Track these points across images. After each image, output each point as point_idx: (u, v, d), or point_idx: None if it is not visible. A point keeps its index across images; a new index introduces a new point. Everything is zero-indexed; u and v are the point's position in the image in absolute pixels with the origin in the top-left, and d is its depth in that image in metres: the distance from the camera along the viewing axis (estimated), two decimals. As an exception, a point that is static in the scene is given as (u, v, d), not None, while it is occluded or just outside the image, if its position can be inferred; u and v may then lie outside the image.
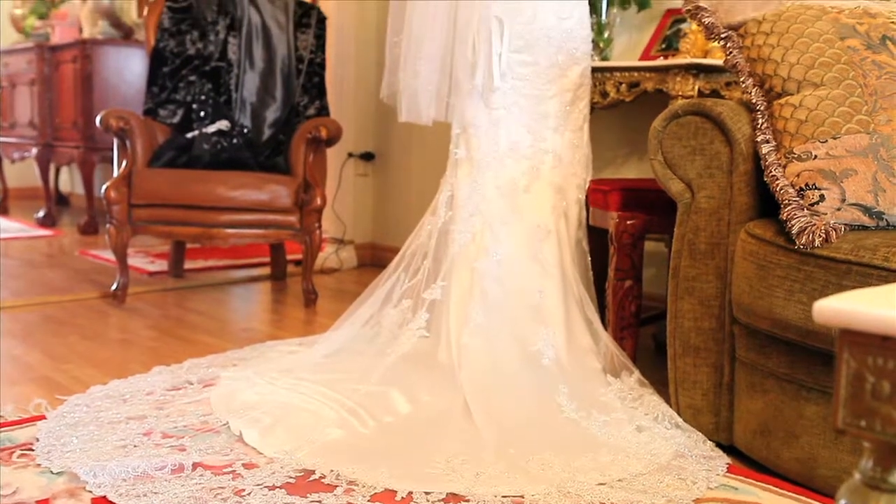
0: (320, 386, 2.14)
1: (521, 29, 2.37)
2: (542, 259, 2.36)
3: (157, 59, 3.71)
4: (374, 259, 4.26)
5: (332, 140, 3.36)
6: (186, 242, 3.81)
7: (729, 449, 1.87)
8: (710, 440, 1.89)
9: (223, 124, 3.55)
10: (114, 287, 3.27)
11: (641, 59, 3.00)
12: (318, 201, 3.25)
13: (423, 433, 1.90)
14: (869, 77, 1.76)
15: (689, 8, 2.00)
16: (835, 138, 1.71)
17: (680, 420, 1.94)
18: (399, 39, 2.55)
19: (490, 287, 2.31)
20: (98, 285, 3.55)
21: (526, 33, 2.38)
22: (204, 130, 3.50)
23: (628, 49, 3.17)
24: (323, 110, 3.73)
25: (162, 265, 4.03)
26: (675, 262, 1.93)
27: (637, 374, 2.20)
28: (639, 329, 2.37)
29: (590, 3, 2.68)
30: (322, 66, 3.80)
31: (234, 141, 3.51)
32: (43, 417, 1.96)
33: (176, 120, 3.64)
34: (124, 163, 3.31)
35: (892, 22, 1.85)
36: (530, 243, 2.37)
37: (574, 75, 2.45)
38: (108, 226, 3.23)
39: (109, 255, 3.78)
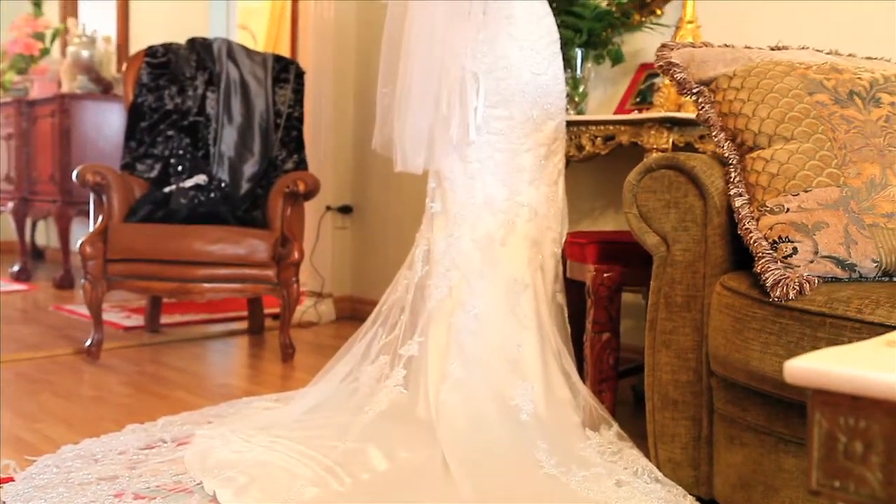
0: (297, 443, 2.10)
1: (497, 84, 2.40)
2: (519, 312, 2.36)
3: (135, 114, 3.72)
4: (353, 312, 4.24)
5: (309, 194, 3.36)
6: (163, 297, 3.78)
7: (710, 503, 1.85)
8: (690, 494, 1.87)
9: (201, 178, 3.55)
10: (88, 343, 3.23)
11: (616, 112, 3.04)
12: (296, 255, 3.24)
13: (400, 490, 1.87)
14: (838, 131, 1.79)
15: (661, 64, 2.03)
16: (806, 191, 1.73)
17: (660, 474, 1.92)
18: (389, 90, 2.56)
19: (467, 342, 2.30)
20: (72, 341, 3.51)
21: (502, 88, 2.41)
22: (181, 185, 3.50)
23: (603, 103, 3.21)
24: (301, 164, 3.74)
25: (138, 320, 3.99)
26: (652, 314, 1.93)
27: (616, 427, 2.18)
28: (617, 382, 2.36)
29: (564, 58, 2.72)
30: (300, 120, 3.82)
31: (212, 195, 3.50)
32: (11, 479, 1.91)
33: (153, 174, 3.64)
34: (100, 218, 3.30)
35: (859, 78, 1.89)
36: (507, 297, 2.37)
37: (549, 130, 2.48)
38: (83, 281, 3.20)
39: (85, 310, 3.73)
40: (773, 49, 2.11)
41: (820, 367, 0.68)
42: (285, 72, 3.85)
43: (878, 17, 2.63)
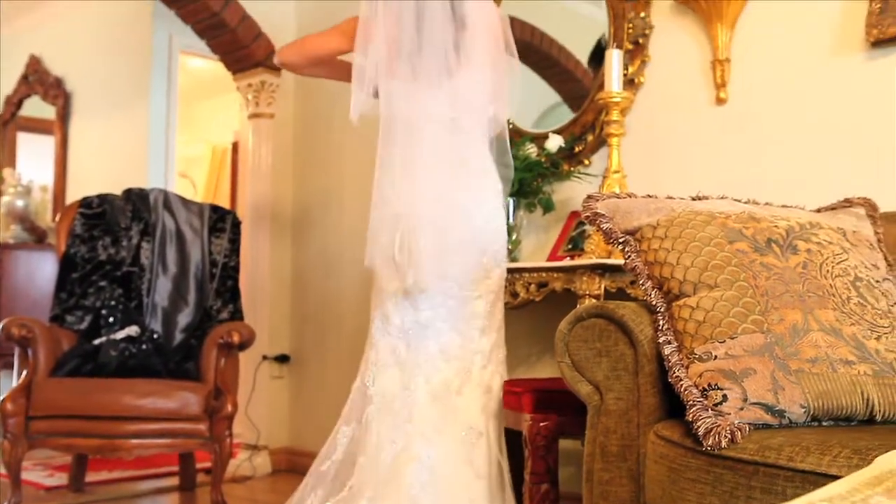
0: None
1: (451, 231, 2.44)
2: (474, 462, 2.31)
3: (66, 265, 3.67)
4: (290, 465, 4.10)
5: (244, 344, 3.31)
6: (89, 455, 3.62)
7: None
8: None
9: (132, 330, 3.48)
10: (5, 506, 3.06)
11: (549, 259, 3.10)
12: (229, 408, 3.16)
13: None
14: (759, 278, 1.83)
15: (587, 215, 2.08)
16: (732, 338, 1.75)
17: None
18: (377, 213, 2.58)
19: (420, 496, 2.24)
20: (-12, 504, 3.31)
21: (455, 235, 2.44)
22: (112, 336, 3.42)
23: (536, 250, 3.27)
24: (236, 314, 3.70)
25: (61, 478, 3.80)
26: (589, 465, 1.90)
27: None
28: (559, 534, 2.30)
29: (497, 207, 2.78)
30: (236, 269, 3.80)
31: (144, 347, 3.43)
32: None
33: (83, 326, 3.56)
34: (24, 372, 3.19)
35: (775, 226, 1.96)
36: (463, 447, 2.33)
37: (496, 276, 2.52)
38: (2, 440, 3.05)
39: (2, 470, 3.55)
40: (693, 199, 2.18)
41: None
42: (222, 221, 3.86)
43: (791, 165, 2.76)
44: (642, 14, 3.11)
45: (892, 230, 2.28)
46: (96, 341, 3.43)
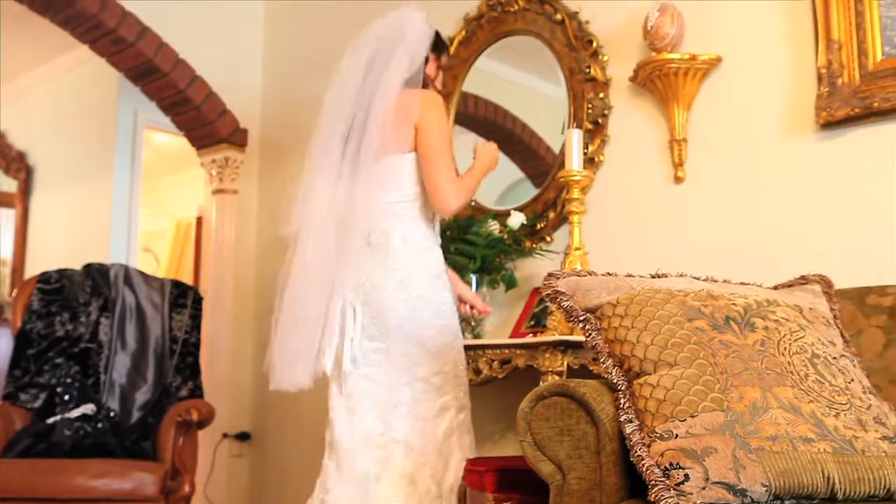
0: None
1: (375, 317, 2.43)
2: None
3: (22, 341, 3.60)
4: (249, 547, 4.00)
5: (203, 422, 3.25)
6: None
7: None
8: None
9: (88, 408, 3.41)
10: None
11: (512, 335, 3.10)
12: (186, 488, 3.08)
13: None
14: (718, 356, 1.85)
15: (548, 293, 2.09)
16: (693, 416, 1.76)
17: None
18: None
19: None
20: None
21: (379, 322, 2.44)
22: (66, 415, 3.34)
23: (499, 326, 3.27)
24: (196, 391, 3.64)
25: (9, 565, 3.65)
26: (552, 547, 1.87)
27: None
28: None
29: (460, 284, 2.79)
30: (197, 346, 3.75)
31: (100, 425, 3.35)
32: None
33: (37, 404, 3.47)
34: (-26, 454, 3.09)
35: (733, 304, 1.98)
36: None
37: (428, 365, 2.49)
38: (-52, 525, 2.95)
39: (-51, 557, 3.41)
40: (653, 277, 2.20)
41: None
42: (183, 297, 3.82)
43: (748, 243, 2.81)
44: (601, 95, 3.19)
45: (848, 307, 2.32)
46: (50, 420, 3.35)
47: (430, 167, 2.51)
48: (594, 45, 3.21)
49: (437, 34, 2.76)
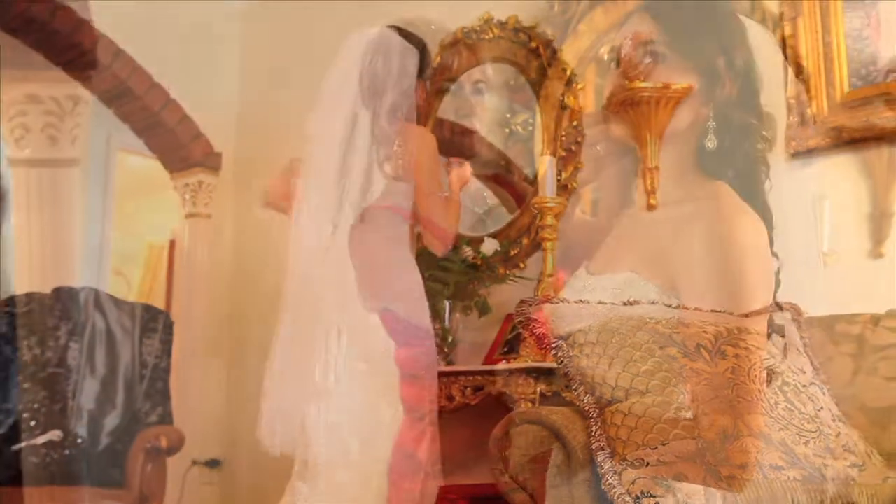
0: None
1: (358, 337, 2.43)
2: None
3: (-12, 367, 3.54)
4: (218, 576, 3.93)
5: (172, 449, 3.22)
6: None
7: None
8: None
9: (55, 434, 3.35)
10: None
11: (485, 362, 3.09)
12: (154, 516, 3.03)
13: None
14: (689, 383, 1.85)
15: (520, 320, 2.08)
16: (664, 444, 1.76)
17: None
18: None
19: None
20: None
21: (361, 341, 2.44)
22: (32, 441, 3.29)
23: (472, 353, 3.26)
24: (166, 417, 3.59)
25: None
26: (524, 576, 1.86)
27: None
28: None
29: (433, 310, 2.78)
30: (167, 371, 3.71)
31: (66, 452, 3.30)
32: None
33: (3, 430, 3.41)
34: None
35: (704, 331, 1.99)
36: None
37: (406, 385, 2.50)
38: None
39: None
40: (625, 304, 2.21)
41: None
42: (154, 321, 3.78)
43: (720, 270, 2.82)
44: (575, 123, 3.21)
45: (818, 335, 2.34)
46: (16, 447, 3.29)
47: (426, 207, 2.56)
48: (568, 73, 3.24)
49: (423, 53, 2.74)
